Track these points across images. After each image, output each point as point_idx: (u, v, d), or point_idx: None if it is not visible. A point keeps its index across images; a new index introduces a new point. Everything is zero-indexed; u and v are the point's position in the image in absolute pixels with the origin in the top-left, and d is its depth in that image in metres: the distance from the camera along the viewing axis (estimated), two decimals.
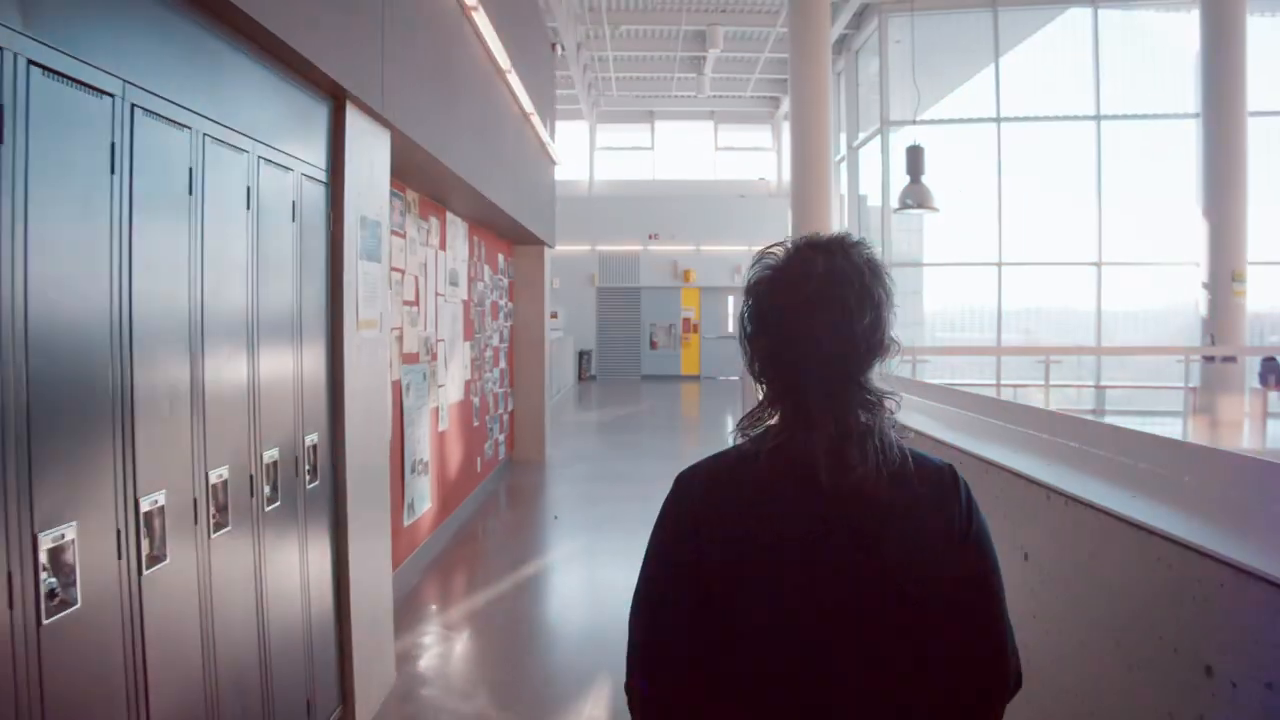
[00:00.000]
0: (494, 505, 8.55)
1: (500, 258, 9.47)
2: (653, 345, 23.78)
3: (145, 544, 2.33)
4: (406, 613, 5.38)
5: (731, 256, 23.36)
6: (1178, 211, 16.07)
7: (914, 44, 14.74)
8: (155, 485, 2.38)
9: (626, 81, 22.21)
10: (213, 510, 2.70)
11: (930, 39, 15.91)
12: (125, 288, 2.25)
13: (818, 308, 1.30)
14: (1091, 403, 14.86)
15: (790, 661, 1.30)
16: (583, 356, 23.17)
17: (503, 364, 9.72)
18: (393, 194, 5.49)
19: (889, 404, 1.34)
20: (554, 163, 10.54)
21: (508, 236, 9.45)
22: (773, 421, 1.37)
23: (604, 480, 9.64)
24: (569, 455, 11.26)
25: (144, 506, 2.33)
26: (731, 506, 1.34)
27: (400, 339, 5.75)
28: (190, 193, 2.58)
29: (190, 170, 2.58)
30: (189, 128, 2.57)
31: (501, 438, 9.70)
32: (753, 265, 1.38)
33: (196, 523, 2.60)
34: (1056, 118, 16.28)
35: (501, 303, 9.57)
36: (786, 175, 23.94)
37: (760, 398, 1.39)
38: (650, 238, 23.38)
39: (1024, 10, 16.17)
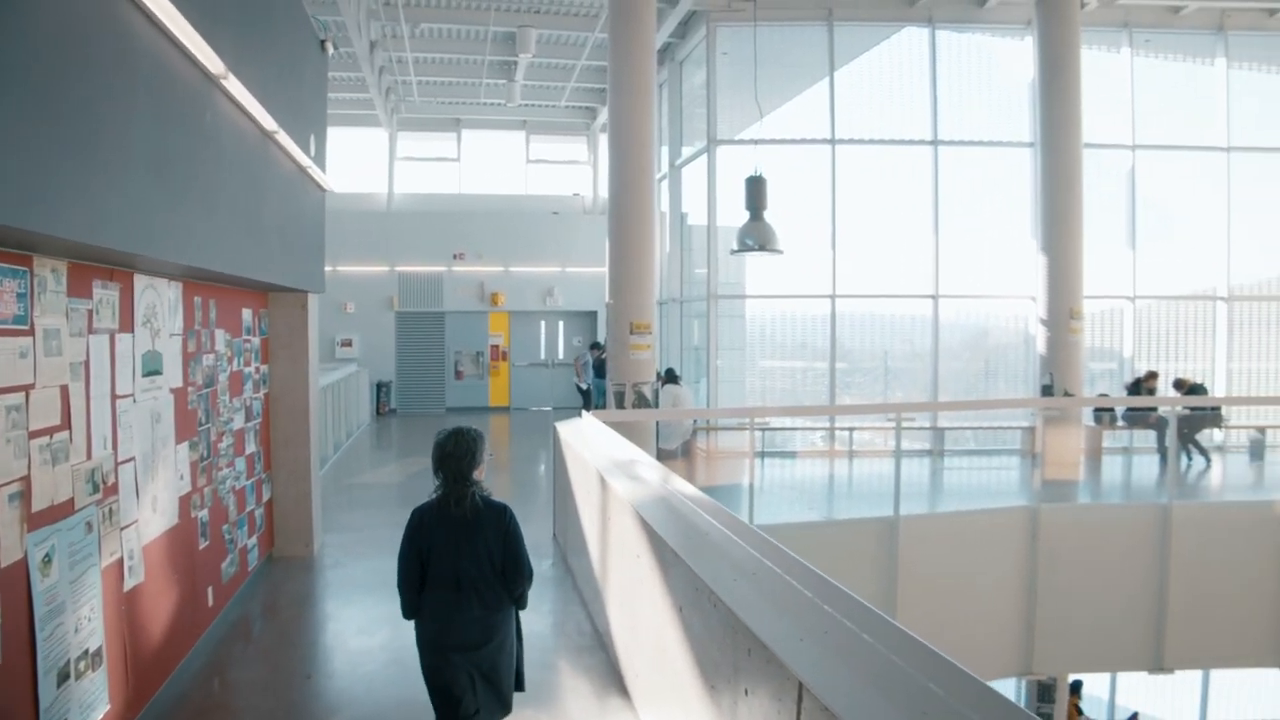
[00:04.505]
0: (234, 647, 6.40)
1: (246, 314, 7.31)
2: (458, 375, 21.71)
3: None
4: None
5: (544, 278, 21.61)
6: (1016, 242, 15.56)
7: (755, 55, 13.36)
8: None
9: (429, 86, 20.09)
10: None
11: (761, 52, 14.70)
12: None
13: (449, 454, 4.10)
14: (929, 443, 14.16)
15: (448, 577, 4.05)
16: (380, 389, 20.81)
17: (253, 447, 7.57)
18: (2, 271, 3.42)
19: (477, 486, 4.13)
20: (323, 190, 8.45)
21: (255, 287, 7.31)
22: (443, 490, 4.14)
23: (387, 588, 6.28)
24: (347, 542, 9.20)
25: None
26: (428, 523, 4.11)
27: (25, 494, 3.67)
28: None
29: None
30: None
31: (252, 542, 7.56)
32: (437, 436, 4.16)
33: None
34: (894, 141, 15.40)
35: (249, 370, 7.42)
36: (603, 191, 22.39)
37: (438, 480, 4.13)
38: (455, 257, 21.29)
39: (860, 26, 15.24)
